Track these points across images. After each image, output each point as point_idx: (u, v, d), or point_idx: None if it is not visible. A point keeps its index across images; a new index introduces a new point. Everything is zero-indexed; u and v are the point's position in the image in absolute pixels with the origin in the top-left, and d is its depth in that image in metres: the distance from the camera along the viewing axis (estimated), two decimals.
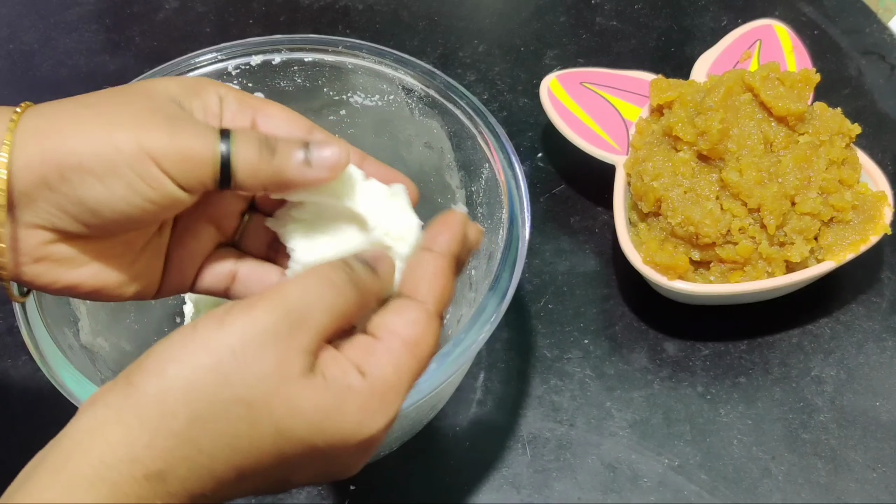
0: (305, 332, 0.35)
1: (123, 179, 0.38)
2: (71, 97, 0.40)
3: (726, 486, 0.60)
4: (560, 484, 0.60)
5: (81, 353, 0.54)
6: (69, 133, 0.37)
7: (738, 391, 0.64)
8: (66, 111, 0.38)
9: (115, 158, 0.37)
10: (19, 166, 0.37)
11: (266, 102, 0.44)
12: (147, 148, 0.38)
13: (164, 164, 0.38)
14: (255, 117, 0.43)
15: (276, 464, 0.35)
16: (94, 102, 0.39)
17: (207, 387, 0.34)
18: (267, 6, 0.87)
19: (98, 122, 0.38)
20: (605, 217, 0.72)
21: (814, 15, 0.84)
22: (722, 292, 0.62)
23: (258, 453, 0.35)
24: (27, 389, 0.64)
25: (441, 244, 0.39)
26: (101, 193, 0.38)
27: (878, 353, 0.65)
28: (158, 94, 0.40)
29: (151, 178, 0.38)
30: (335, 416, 0.35)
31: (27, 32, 0.86)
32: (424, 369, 0.38)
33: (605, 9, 0.86)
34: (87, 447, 0.33)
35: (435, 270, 0.39)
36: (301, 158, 0.40)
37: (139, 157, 0.38)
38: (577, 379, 0.64)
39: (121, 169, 0.37)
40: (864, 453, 0.61)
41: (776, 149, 0.63)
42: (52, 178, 0.37)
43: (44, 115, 0.38)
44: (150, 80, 0.43)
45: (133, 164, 0.38)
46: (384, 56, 0.60)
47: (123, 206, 0.38)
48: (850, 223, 0.62)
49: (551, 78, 0.71)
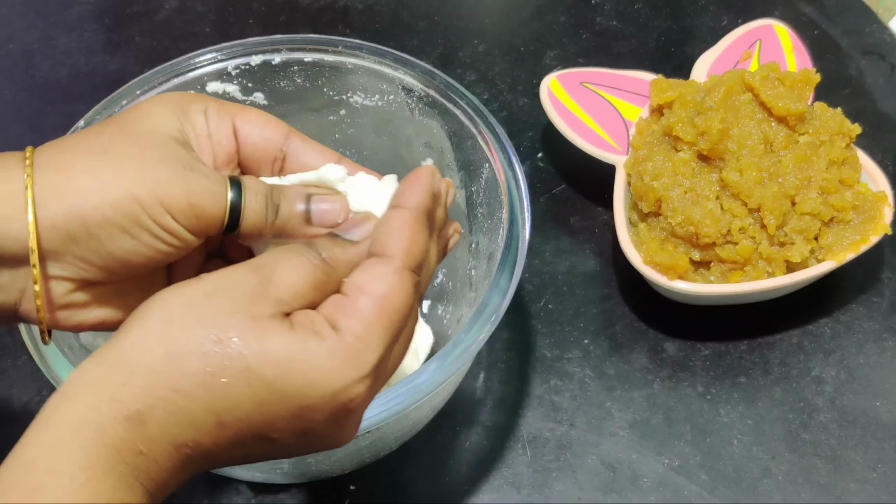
0: (276, 284, 0.37)
1: (147, 230, 0.39)
2: (82, 135, 0.41)
3: (726, 486, 0.60)
4: (560, 484, 0.60)
5: (81, 352, 0.54)
6: (89, 190, 0.39)
7: (738, 391, 0.64)
8: (81, 163, 0.39)
9: (138, 212, 0.39)
10: (45, 225, 0.38)
11: (243, 109, 0.46)
12: (165, 202, 0.39)
13: (179, 217, 0.40)
14: (235, 122, 0.45)
15: (252, 410, 0.36)
16: (105, 148, 0.40)
17: (182, 322, 0.36)
18: (267, 6, 0.87)
19: (116, 176, 0.39)
20: (605, 217, 0.72)
21: (814, 15, 0.84)
22: (722, 292, 0.62)
23: (233, 394, 0.35)
24: (27, 389, 0.64)
25: (407, 199, 0.40)
26: (128, 244, 0.39)
27: (878, 353, 0.65)
28: (162, 132, 0.42)
29: (171, 229, 0.40)
30: (302, 359, 0.36)
31: (27, 32, 0.86)
32: (401, 325, 0.38)
33: (605, 9, 0.86)
34: (72, 395, 0.35)
35: (400, 225, 0.39)
36: (301, 215, 0.43)
37: (158, 211, 0.39)
38: (577, 379, 0.64)
39: (144, 221, 0.39)
40: (864, 453, 0.61)
41: (776, 149, 0.63)
42: (79, 235, 0.39)
43: (57, 167, 0.39)
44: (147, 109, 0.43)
45: (155, 217, 0.39)
46: (384, 56, 0.60)
47: (148, 254, 0.40)
48: (850, 223, 0.62)
49: (551, 78, 0.71)
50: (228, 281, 0.37)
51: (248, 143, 0.45)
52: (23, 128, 0.79)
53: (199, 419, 0.35)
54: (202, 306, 0.36)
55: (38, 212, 0.38)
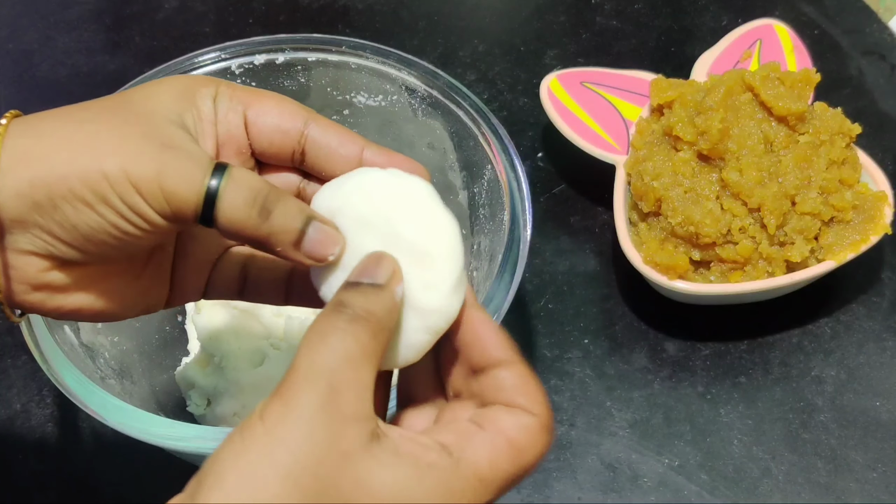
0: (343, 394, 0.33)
1: (112, 207, 0.37)
2: (69, 107, 0.39)
3: (726, 486, 0.60)
4: (560, 484, 0.60)
5: (82, 351, 0.54)
6: (58, 157, 0.36)
7: (738, 391, 0.64)
8: (57, 131, 0.37)
9: (103, 186, 0.36)
10: (9, 193, 0.36)
11: (259, 96, 0.42)
12: (132, 177, 0.36)
13: (148, 198, 0.37)
14: (247, 113, 0.42)
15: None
16: (87, 118, 0.38)
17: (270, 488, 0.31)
18: (267, 6, 0.87)
19: (88, 146, 0.37)
20: (605, 217, 0.72)
21: (814, 15, 0.84)
22: (722, 292, 0.62)
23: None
24: (27, 389, 0.64)
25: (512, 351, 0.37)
26: (92, 219, 0.37)
27: (878, 352, 0.65)
28: (157, 111, 0.39)
29: (138, 210, 0.37)
30: (414, 492, 0.33)
31: (27, 32, 0.86)
32: (521, 480, 0.35)
33: (605, 8, 0.86)
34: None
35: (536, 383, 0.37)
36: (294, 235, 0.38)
37: (126, 188, 0.36)
38: (577, 379, 0.64)
39: (109, 197, 0.36)
40: (864, 453, 0.61)
41: (776, 149, 0.63)
42: (44, 204, 0.36)
43: (32, 134, 0.37)
44: (151, 89, 0.40)
45: (120, 193, 0.37)
46: (387, 56, 0.60)
47: (114, 232, 0.37)
48: (850, 223, 0.62)
49: (551, 77, 0.71)
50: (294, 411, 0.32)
51: (262, 137, 0.42)
52: None
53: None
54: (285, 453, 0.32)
55: (3, 179, 0.36)
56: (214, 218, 0.38)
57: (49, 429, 0.63)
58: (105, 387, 0.49)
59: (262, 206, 0.38)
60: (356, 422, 0.33)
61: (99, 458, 0.62)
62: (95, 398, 0.48)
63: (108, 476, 0.61)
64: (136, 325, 0.62)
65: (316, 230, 0.38)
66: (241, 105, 0.41)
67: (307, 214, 0.38)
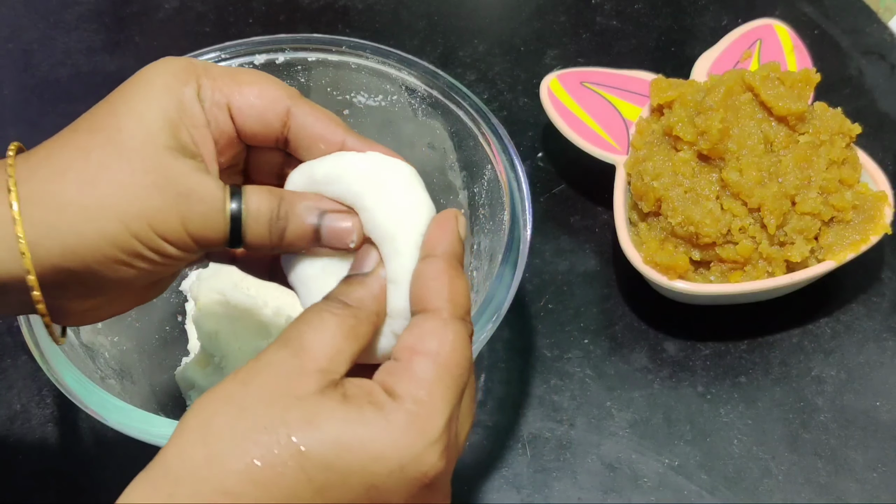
0: (309, 352, 0.35)
1: (144, 258, 0.38)
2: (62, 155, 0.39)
3: (726, 486, 0.60)
4: (560, 484, 0.60)
5: (82, 351, 0.54)
6: (84, 228, 0.37)
7: (738, 391, 0.64)
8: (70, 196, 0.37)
9: (137, 246, 0.38)
10: (45, 265, 0.38)
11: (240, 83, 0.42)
12: (160, 232, 0.38)
13: (177, 244, 0.39)
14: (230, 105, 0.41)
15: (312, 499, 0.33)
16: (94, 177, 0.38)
17: (221, 419, 0.33)
18: (266, 6, 0.87)
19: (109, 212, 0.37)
20: (605, 217, 0.72)
21: (814, 15, 0.84)
22: (722, 292, 0.62)
23: (287, 484, 0.33)
24: (27, 389, 0.64)
25: (437, 247, 0.38)
26: (128, 273, 0.39)
27: (878, 353, 0.65)
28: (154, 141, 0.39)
29: (168, 253, 0.39)
30: (360, 433, 0.33)
31: (27, 32, 0.86)
32: (463, 379, 0.36)
33: (605, 8, 0.86)
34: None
35: (436, 274, 0.37)
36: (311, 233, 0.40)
37: (158, 244, 0.38)
38: (577, 379, 0.64)
39: (141, 251, 0.38)
40: (864, 453, 0.61)
41: (776, 149, 0.63)
42: (80, 271, 0.38)
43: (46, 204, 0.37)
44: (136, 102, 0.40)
45: (153, 247, 0.38)
46: (388, 56, 0.60)
47: (148, 274, 0.39)
48: (850, 223, 0.62)
49: (551, 77, 0.71)
50: (261, 364, 0.35)
51: (246, 126, 0.42)
52: (23, 128, 0.79)
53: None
54: (240, 398, 0.34)
55: (34, 253, 0.37)
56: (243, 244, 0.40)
57: (49, 429, 0.63)
58: (105, 387, 0.49)
59: (278, 224, 0.40)
60: (315, 372, 0.34)
61: (99, 458, 0.62)
62: (95, 398, 0.48)
63: (108, 476, 0.61)
64: (137, 325, 0.62)
65: (331, 221, 0.40)
66: (223, 98, 0.42)
67: (319, 210, 0.40)
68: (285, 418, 0.33)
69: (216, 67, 0.42)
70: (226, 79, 0.42)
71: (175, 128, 0.40)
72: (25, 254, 0.37)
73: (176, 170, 0.39)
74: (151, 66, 0.42)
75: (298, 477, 0.33)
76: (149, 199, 0.38)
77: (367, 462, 0.33)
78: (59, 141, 0.40)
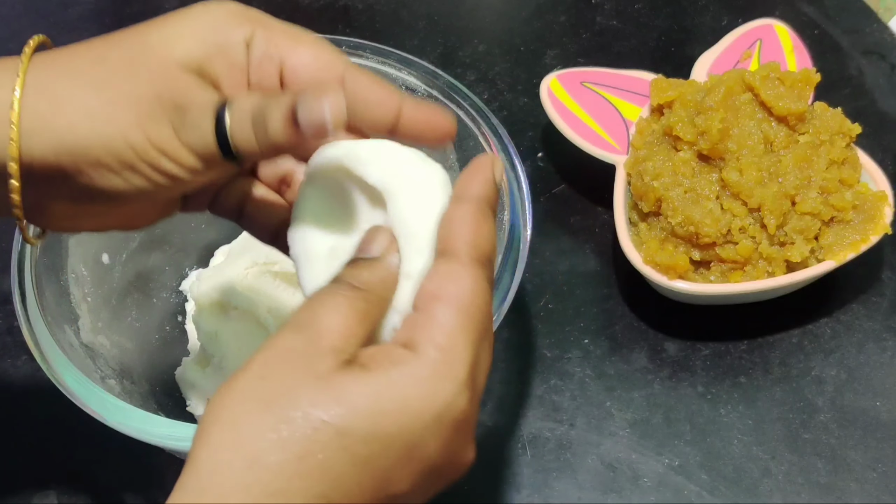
0: (324, 334, 0.34)
1: (138, 171, 0.38)
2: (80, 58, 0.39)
3: (726, 486, 0.60)
4: (560, 484, 0.60)
5: (82, 351, 0.54)
6: (82, 128, 0.37)
7: (738, 391, 0.64)
8: (74, 97, 0.37)
9: (132, 157, 0.37)
10: (33, 157, 0.37)
11: (297, 42, 0.41)
12: (156, 143, 0.37)
13: (174, 157, 0.38)
14: (283, 65, 0.40)
15: (360, 475, 0.33)
16: (103, 82, 0.38)
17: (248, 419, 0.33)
18: (266, 6, 0.86)
19: (108, 115, 0.37)
20: (605, 217, 0.72)
21: (814, 15, 0.84)
22: (722, 292, 0.62)
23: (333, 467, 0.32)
24: (27, 389, 0.64)
25: (468, 190, 0.37)
26: (119, 183, 0.38)
27: (878, 352, 0.65)
28: (173, 59, 0.38)
29: (164, 169, 0.38)
30: (390, 396, 0.33)
31: (27, 32, 0.86)
32: (484, 324, 0.35)
33: (605, 8, 0.86)
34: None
35: (462, 217, 0.36)
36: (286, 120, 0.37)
37: (151, 152, 0.37)
38: (577, 379, 0.64)
39: (135, 163, 0.38)
40: (864, 453, 0.61)
41: (776, 148, 0.63)
42: (70, 171, 0.38)
43: (49, 97, 0.37)
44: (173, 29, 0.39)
45: (150, 160, 0.38)
46: (387, 56, 0.60)
47: (143, 190, 0.39)
48: (850, 223, 0.62)
49: (551, 77, 0.71)
50: (276, 353, 0.34)
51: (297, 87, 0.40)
52: None
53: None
54: (262, 392, 0.33)
55: (27, 143, 0.37)
56: (235, 154, 0.38)
57: (49, 429, 0.63)
58: (105, 387, 0.49)
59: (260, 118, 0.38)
60: (331, 352, 0.34)
61: (99, 458, 0.62)
62: (95, 398, 0.48)
63: (108, 476, 0.61)
64: (137, 325, 0.62)
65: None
66: (277, 54, 0.41)
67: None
68: (314, 402, 0.32)
69: (275, 21, 0.41)
70: (283, 34, 0.41)
71: (207, 61, 0.39)
72: (14, 140, 0.37)
73: (181, 83, 0.38)
74: (208, 2, 0.41)
75: (341, 457, 0.32)
76: (148, 108, 0.37)
77: (406, 422, 0.33)
78: (84, 45, 0.40)
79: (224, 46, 0.39)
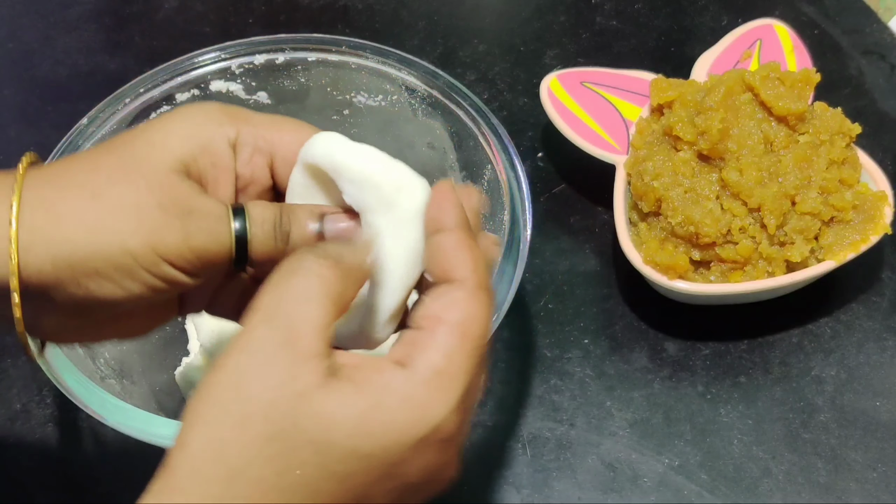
0: (301, 335, 0.34)
1: (140, 280, 0.38)
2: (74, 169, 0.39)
3: (726, 486, 0.60)
4: (560, 484, 0.60)
5: (82, 351, 0.53)
6: (80, 239, 0.37)
7: (738, 391, 0.64)
8: (72, 208, 0.38)
9: (131, 265, 0.37)
10: (32, 271, 0.37)
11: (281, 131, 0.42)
12: (162, 253, 0.38)
13: (178, 263, 0.38)
14: (274, 161, 0.42)
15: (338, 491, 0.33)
16: (99, 191, 0.38)
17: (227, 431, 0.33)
18: (266, 5, 0.87)
19: (107, 225, 0.37)
20: (605, 217, 0.72)
21: (814, 14, 0.84)
22: (722, 292, 0.62)
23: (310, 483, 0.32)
24: (27, 389, 0.64)
25: (446, 220, 0.37)
26: (118, 293, 0.38)
27: (878, 352, 0.65)
28: (162, 165, 0.39)
29: (169, 277, 0.38)
30: (377, 416, 0.33)
31: (27, 32, 0.86)
32: (482, 348, 0.36)
33: (605, 8, 0.86)
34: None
35: (455, 245, 0.37)
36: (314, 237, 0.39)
37: (155, 262, 0.38)
38: (577, 378, 0.64)
39: (137, 272, 0.38)
40: (864, 453, 0.61)
41: (776, 148, 0.63)
42: (67, 282, 0.37)
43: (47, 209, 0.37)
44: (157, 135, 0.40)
45: (149, 267, 0.38)
46: (387, 56, 0.60)
47: (141, 298, 0.39)
48: (850, 223, 0.62)
49: (551, 77, 0.71)
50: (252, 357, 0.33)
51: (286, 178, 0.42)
52: (23, 128, 0.79)
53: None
54: (240, 401, 0.33)
55: (24, 257, 0.37)
56: (248, 259, 0.39)
57: (49, 429, 0.63)
58: (105, 387, 0.49)
59: (282, 230, 0.39)
60: (311, 359, 0.33)
61: (99, 458, 0.62)
62: (95, 398, 0.48)
63: (108, 476, 0.61)
64: None
65: (332, 223, 0.40)
66: (266, 147, 0.42)
67: (318, 213, 0.40)
68: (295, 421, 0.32)
69: (255, 114, 0.42)
70: (266, 126, 0.42)
71: (191, 159, 0.40)
72: (13, 257, 0.37)
73: (181, 190, 0.39)
74: (190, 105, 0.42)
75: (321, 475, 0.32)
76: (150, 217, 0.38)
77: (390, 443, 0.33)
78: (75, 157, 0.40)
79: (207, 145, 0.40)
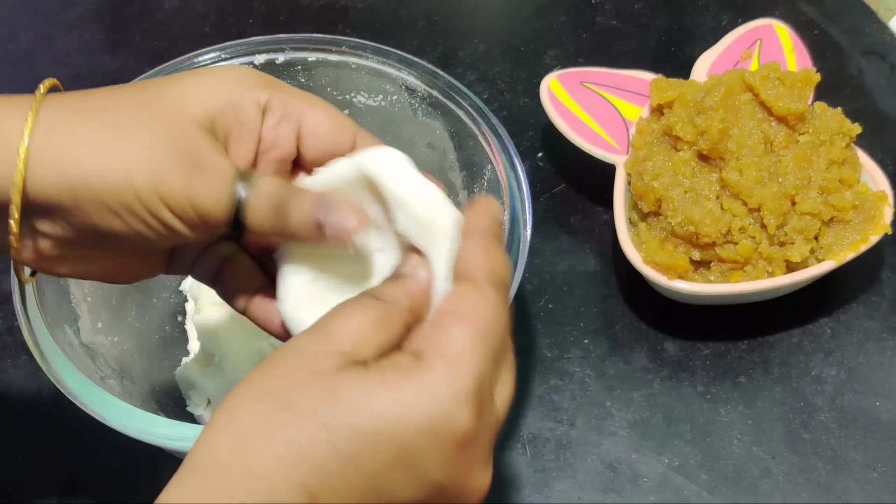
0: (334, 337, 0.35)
1: (138, 217, 0.38)
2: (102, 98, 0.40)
3: (726, 486, 0.60)
4: (560, 484, 0.60)
5: (82, 351, 0.54)
6: (89, 165, 0.37)
7: (738, 391, 0.64)
8: (87, 135, 0.38)
9: (132, 199, 0.38)
10: (35, 187, 0.37)
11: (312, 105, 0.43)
12: (162, 195, 0.38)
13: (177, 212, 0.38)
14: (301, 128, 0.42)
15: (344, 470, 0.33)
16: (117, 125, 0.38)
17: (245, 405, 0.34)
18: (267, 5, 0.87)
19: (118, 157, 0.38)
20: (605, 217, 0.72)
21: (814, 15, 0.84)
22: (722, 292, 0.62)
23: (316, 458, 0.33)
24: (27, 389, 0.64)
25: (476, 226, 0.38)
26: (115, 224, 0.38)
27: (878, 352, 0.65)
28: (188, 114, 0.40)
29: (165, 220, 0.39)
30: (384, 395, 0.33)
31: (27, 32, 0.86)
32: (497, 343, 0.36)
33: (605, 8, 0.86)
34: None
35: (474, 248, 0.37)
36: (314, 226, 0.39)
37: (156, 204, 0.38)
38: (577, 378, 0.64)
39: (136, 208, 0.38)
40: (864, 453, 0.61)
41: (776, 148, 0.63)
42: (68, 205, 0.38)
43: (60, 130, 0.38)
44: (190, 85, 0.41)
45: (150, 207, 0.38)
46: (387, 56, 0.60)
47: (136, 236, 0.39)
48: (850, 223, 0.62)
49: (551, 77, 0.71)
50: (286, 351, 0.35)
51: (313, 150, 0.43)
52: None
53: (284, 496, 0.32)
54: (263, 383, 0.34)
55: (30, 174, 0.37)
56: (243, 226, 0.40)
57: (49, 429, 0.63)
58: (105, 387, 0.49)
59: (282, 208, 0.39)
60: (339, 354, 0.34)
61: (99, 458, 0.62)
62: (95, 398, 0.48)
63: (108, 476, 0.61)
64: (137, 325, 0.62)
65: (333, 214, 0.39)
66: (296, 117, 0.42)
67: (322, 203, 0.40)
68: (307, 394, 0.33)
69: (289, 87, 0.43)
70: (298, 98, 0.43)
71: (219, 114, 0.40)
72: (21, 172, 0.37)
73: (196, 142, 0.39)
74: (227, 66, 0.43)
75: (325, 450, 0.32)
76: (160, 160, 0.38)
77: (394, 424, 0.33)
78: (101, 90, 0.40)
79: (237, 104, 0.41)
